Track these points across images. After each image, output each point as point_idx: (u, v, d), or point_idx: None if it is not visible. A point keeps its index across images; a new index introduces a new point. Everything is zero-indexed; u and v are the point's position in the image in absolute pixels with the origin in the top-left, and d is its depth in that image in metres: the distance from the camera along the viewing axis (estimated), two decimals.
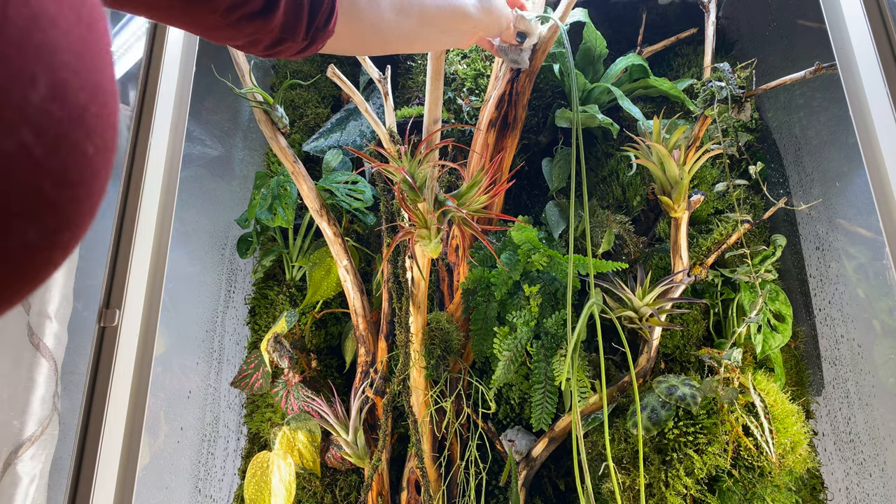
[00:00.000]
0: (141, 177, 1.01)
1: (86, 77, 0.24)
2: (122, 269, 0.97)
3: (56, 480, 0.87)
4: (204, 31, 0.55)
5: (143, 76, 1.07)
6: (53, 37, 0.22)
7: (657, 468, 1.03)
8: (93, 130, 0.25)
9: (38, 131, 0.22)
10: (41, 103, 0.22)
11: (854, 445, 1.16)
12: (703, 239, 1.18)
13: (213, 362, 1.39)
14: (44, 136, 0.22)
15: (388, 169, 0.98)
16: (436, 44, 0.91)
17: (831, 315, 1.22)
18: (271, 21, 0.56)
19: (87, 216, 0.26)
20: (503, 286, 1.11)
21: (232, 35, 0.56)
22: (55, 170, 0.23)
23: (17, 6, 0.21)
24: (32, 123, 0.21)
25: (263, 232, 1.43)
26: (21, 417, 0.82)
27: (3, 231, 0.22)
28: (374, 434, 1.23)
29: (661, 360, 1.16)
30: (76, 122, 0.24)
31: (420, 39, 0.82)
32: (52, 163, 0.23)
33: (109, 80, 0.26)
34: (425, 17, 0.77)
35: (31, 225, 0.23)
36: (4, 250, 0.22)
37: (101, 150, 0.25)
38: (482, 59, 1.36)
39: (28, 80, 0.21)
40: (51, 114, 0.22)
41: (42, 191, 0.22)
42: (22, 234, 0.22)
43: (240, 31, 0.56)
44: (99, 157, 0.25)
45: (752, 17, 1.50)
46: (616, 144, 1.34)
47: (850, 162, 1.15)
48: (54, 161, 0.23)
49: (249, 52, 0.62)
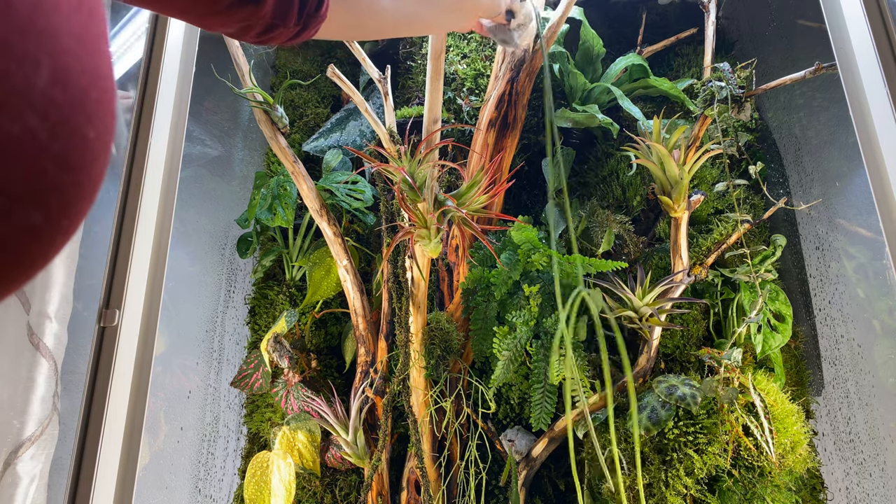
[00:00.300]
0: (141, 177, 1.01)
1: (87, 61, 0.24)
2: (121, 269, 0.97)
3: (56, 480, 0.87)
4: (197, 18, 0.55)
5: (143, 76, 1.07)
6: (56, 22, 0.23)
7: (657, 468, 1.03)
8: (93, 114, 0.25)
9: (42, 115, 0.22)
10: (45, 88, 0.22)
11: (854, 445, 1.16)
12: (703, 239, 1.18)
13: (212, 362, 1.39)
14: (47, 121, 0.22)
15: (388, 169, 0.98)
16: (435, 25, 0.89)
17: (831, 315, 1.22)
18: (262, 7, 0.56)
19: (87, 200, 0.26)
20: (503, 286, 1.11)
21: (223, 22, 0.56)
22: (58, 154, 0.23)
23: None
24: (36, 108, 0.22)
25: (263, 232, 1.43)
26: (21, 417, 0.82)
27: (8, 214, 0.22)
28: (373, 434, 1.23)
29: (661, 359, 1.16)
30: (78, 107, 0.24)
31: (419, 21, 0.81)
32: (56, 147, 0.23)
33: (108, 64, 0.27)
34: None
35: (35, 208, 0.23)
36: (10, 233, 0.22)
37: (101, 134, 0.26)
38: (482, 59, 1.36)
39: (32, 65, 0.21)
40: (54, 98, 0.22)
41: (46, 174, 0.23)
42: (27, 217, 0.22)
43: (231, 18, 0.56)
44: (99, 140, 0.26)
45: (752, 17, 1.50)
46: (616, 144, 1.34)
47: (850, 162, 1.15)
48: (57, 145, 0.23)
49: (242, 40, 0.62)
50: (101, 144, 0.26)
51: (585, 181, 1.36)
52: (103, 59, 0.26)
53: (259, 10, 0.56)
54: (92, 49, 0.25)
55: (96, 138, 0.25)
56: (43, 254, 0.25)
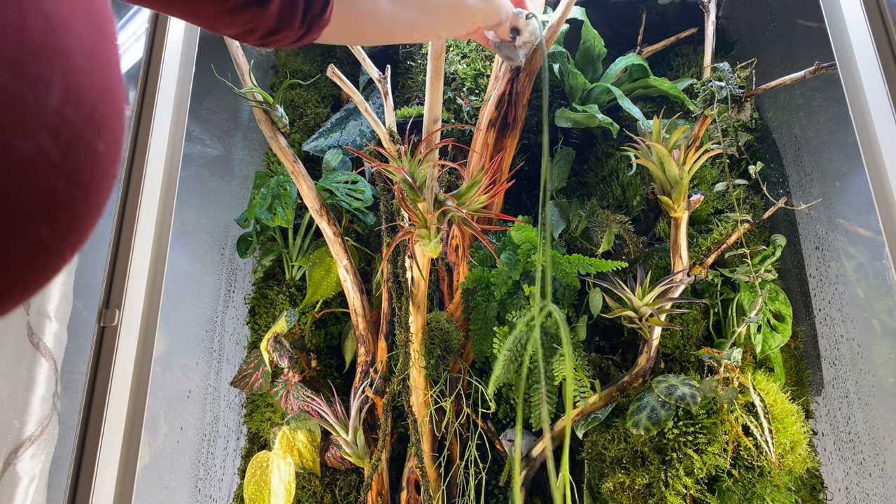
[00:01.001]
0: (141, 176, 1.01)
1: (97, 79, 0.24)
2: (121, 268, 0.97)
3: (56, 480, 0.87)
4: (201, 20, 0.55)
5: (142, 76, 1.07)
6: (67, 41, 0.23)
7: (657, 468, 1.03)
8: (103, 130, 0.25)
9: (54, 135, 0.22)
10: (57, 107, 0.22)
11: (853, 445, 1.16)
12: (702, 239, 1.18)
13: (212, 362, 1.39)
14: (59, 139, 0.22)
15: (388, 169, 0.98)
16: (435, 32, 0.90)
17: (831, 315, 1.22)
18: (267, 9, 0.56)
19: (95, 215, 0.26)
20: (503, 286, 1.11)
21: (228, 24, 0.56)
22: (69, 171, 0.23)
23: (32, 13, 0.21)
24: (49, 127, 0.22)
25: (263, 232, 1.43)
26: (21, 417, 0.82)
27: (19, 232, 0.22)
28: (373, 434, 1.23)
29: (661, 359, 1.17)
30: (88, 124, 0.24)
31: (419, 29, 0.82)
32: (67, 164, 0.23)
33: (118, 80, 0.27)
34: (425, 5, 0.77)
35: (45, 225, 0.23)
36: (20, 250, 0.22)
37: (111, 149, 0.26)
38: (482, 59, 1.36)
39: (45, 85, 0.22)
40: (66, 117, 0.23)
41: (56, 192, 0.23)
42: (37, 234, 0.23)
43: (235, 20, 0.56)
44: (108, 156, 0.26)
45: (752, 17, 1.50)
46: (616, 144, 1.34)
47: (850, 162, 1.16)
48: (68, 162, 0.23)
49: (246, 42, 0.62)
50: (110, 159, 0.26)
51: (585, 181, 1.36)
52: (113, 75, 0.26)
53: (264, 12, 0.56)
54: (103, 66, 0.25)
55: (106, 153, 0.26)
56: (51, 268, 0.25)
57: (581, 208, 1.27)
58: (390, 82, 1.16)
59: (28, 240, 0.22)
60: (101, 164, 0.25)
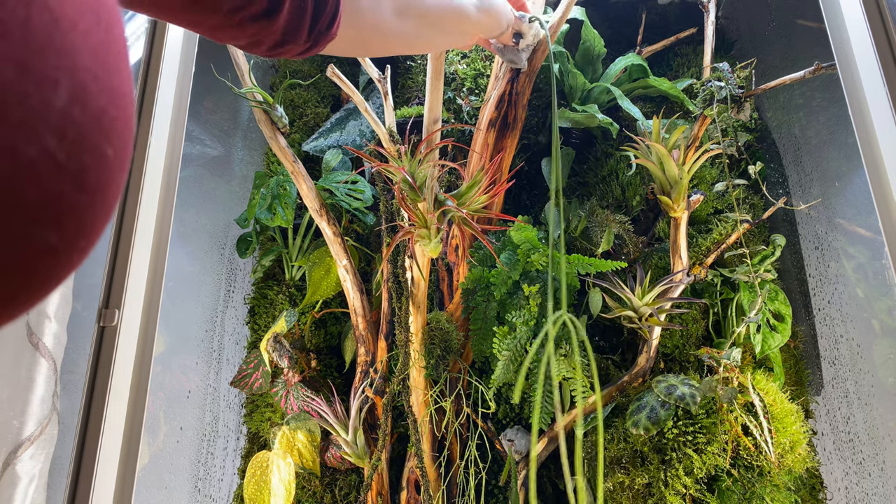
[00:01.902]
0: (140, 176, 1.01)
1: (105, 80, 0.24)
2: (121, 268, 0.97)
3: (56, 480, 0.87)
4: (208, 31, 0.55)
5: (142, 76, 1.07)
6: (73, 40, 0.22)
7: (656, 468, 1.03)
8: (111, 133, 0.24)
9: (60, 136, 0.22)
10: (63, 108, 0.22)
11: (853, 445, 1.16)
12: (702, 239, 1.18)
13: (212, 362, 1.39)
14: (65, 141, 0.22)
15: (388, 168, 0.98)
16: (436, 45, 0.91)
17: (830, 315, 1.22)
18: (274, 23, 0.56)
19: (103, 219, 0.26)
20: (503, 286, 1.11)
21: (235, 35, 0.56)
22: (76, 174, 0.23)
23: (38, 11, 0.21)
24: (55, 129, 0.21)
25: (263, 232, 1.43)
26: (20, 417, 0.82)
27: (26, 237, 0.21)
28: (373, 434, 1.23)
29: (661, 359, 1.17)
30: (96, 126, 0.23)
31: (421, 41, 0.83)
32: (73, 167, 0.23)
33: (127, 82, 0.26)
34: (426, 18, 0.77)
35: (52, 230, 0.23)
36: (27, 256, 0.22)
37: (120, 152, 0.25)
38: (482, 59, 1.36)
39: (51, 85, 0.21)
40: (72, 118, 0.22)
41: (63, 196, 0.22)
42: (44, 239, 0.22)
43: (242, 32, 0.56)
44: (117, 159, 0.25)
45: (751, 17, 1.51)
46: (616, 144, 1.34)
47: (850, 162, 1.16)
48: (75, 165, 0.23)
49: (252, 52, 0.62)
50: (118, 163, 0.26)
51: (585, 181, 1.36)
52: (122, 77, 0.26)
53: (271, 25, 0.56)
54: (110, 67, 0.25)
55: (114, 157, 0.25)
56: (60, 273, 0.24)
57: (581, 208, 1.27)
58: (390, 82, 1.16)
59: (34, 244, 0.22)
60: (110, 167, 0.25)
